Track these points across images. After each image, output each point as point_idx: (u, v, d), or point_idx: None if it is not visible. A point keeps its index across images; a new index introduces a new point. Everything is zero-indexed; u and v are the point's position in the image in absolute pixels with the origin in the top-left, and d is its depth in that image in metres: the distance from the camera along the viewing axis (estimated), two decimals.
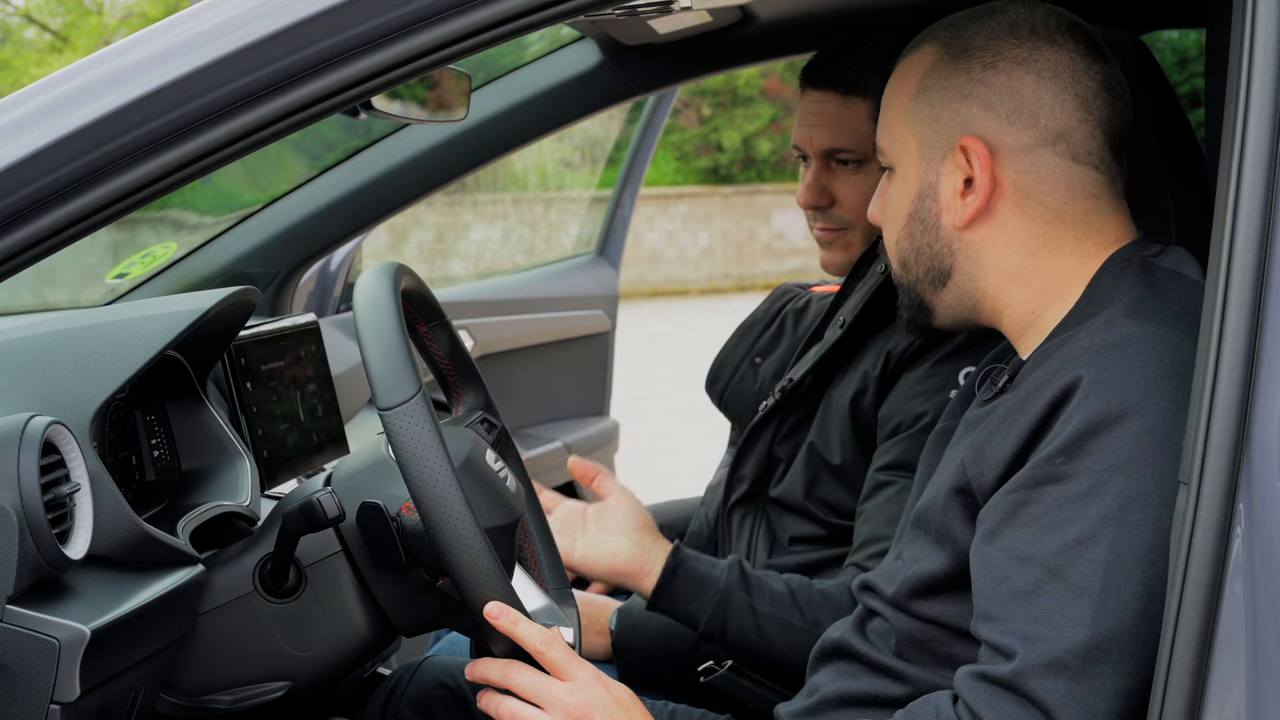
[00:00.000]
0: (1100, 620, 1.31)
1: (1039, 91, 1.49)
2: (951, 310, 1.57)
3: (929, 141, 1.53)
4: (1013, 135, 1.49)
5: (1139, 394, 1.35)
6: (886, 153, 1.58)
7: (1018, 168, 1.50)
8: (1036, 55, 1.49)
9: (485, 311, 3.42)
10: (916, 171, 1.54)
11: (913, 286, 1.59)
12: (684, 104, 18.91)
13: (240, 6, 1.30)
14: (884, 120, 1.59)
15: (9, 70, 16.57)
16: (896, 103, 1.57)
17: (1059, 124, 1.49)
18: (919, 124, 1.54)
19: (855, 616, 1.61)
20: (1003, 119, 1.49)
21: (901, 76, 1.57)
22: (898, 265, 1.60)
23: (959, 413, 1.67)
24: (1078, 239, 1.51)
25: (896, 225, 1.58)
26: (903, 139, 1.56)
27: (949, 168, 1.52)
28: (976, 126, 1.50)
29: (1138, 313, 1.41)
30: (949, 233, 1.53)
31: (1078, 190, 1.50)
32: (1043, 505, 1.36)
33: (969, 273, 1.54)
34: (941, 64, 1.53)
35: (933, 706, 1.40)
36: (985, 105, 1.50)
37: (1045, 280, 1.51)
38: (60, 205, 1.27)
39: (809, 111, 2.14)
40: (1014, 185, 1.50)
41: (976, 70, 1.50)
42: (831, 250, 2.19)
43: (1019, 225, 1.51)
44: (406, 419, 1.44)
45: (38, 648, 1.30)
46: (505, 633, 1.47)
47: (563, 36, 2.55)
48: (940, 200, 1.53)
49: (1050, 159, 1.49)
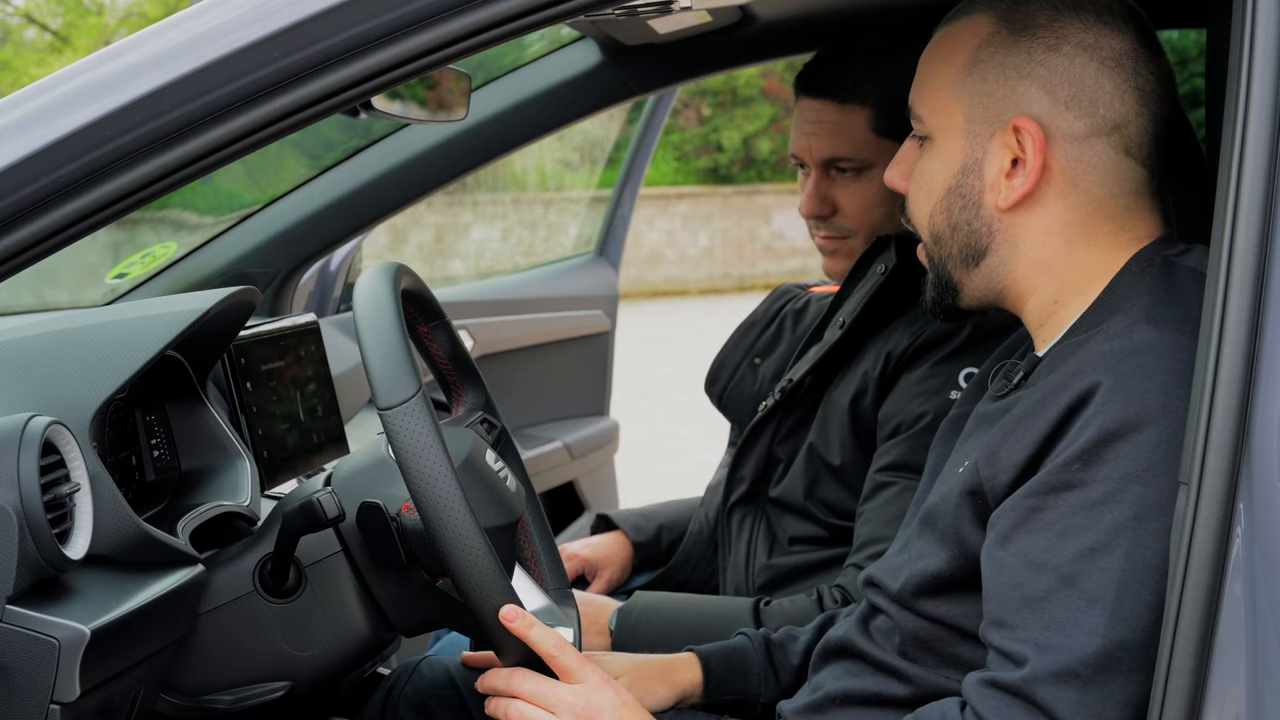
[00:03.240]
0: (1113, 630, 1.30)
1: (1101, 80, 1.46)
2: (979, 292, 1.54)
3: (979, 116, 1.49)
4: (1069, 121, 1.46)
5: (1157, 402, 1.33)
6: (926, 120, 1.54)
7: (1069, 155, 1.47)
8: (1103, 42, 1.46)
9: (485, 311, 3.42)
10: (961, 145, 1.51)
11: (943, 263, 1.55)
12: (684, 104, 18.91)
13: (240, 6, 1.30)
14: (925, 88, 1.54)
15: (9, 70, 16.57)
16: (943, 72, 1.52)
17: (1117, 115, 1.47)
18: (969, 97, 1.50)
19: (859, 614, 1.60)
20: (1061, 104, 1.46)
21: (950, 44, 1.53)
22: (929, 238, 1.56)
23: (972, 402, 1.65)
24: (1113, 233, 1.49)
25: (931, 198, 1.54)
26: (948, 109, 1.51)
27: (997, 145, 1.48)
28: (1033, 107, 1.47)
29: (1156, 319, 1.39)
30: (990, 212, 1.50)
31: (1123, 185, 1.48)
32: (1058, 511, 1.35)
33: (1002, 255, 1.51)
34: (999, 38, 1.49)
35: (939, 712, 1.40)
36: (1044, 87, 1.46)
37: (1073, 272, 1.49)
38: (60, 205, 1.27)
39: (807, 120, 2.13)
40: (1063, 172, 1.47)
41: (1039, 51, 1.47)
42: (835, 258, 2.18)
43: (1060, 214, 1.48)
44: (406, 419, 1.44)
45: (38, 648, 1.30)
46: (520, 636, 1.47)
47: (563, 36, 2.54)
48: (985, 178, 1.50)
49: (1103, 150, 1.47)
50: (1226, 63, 1.30)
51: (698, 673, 1.77)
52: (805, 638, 1.79)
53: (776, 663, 1.78)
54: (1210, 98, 1.75)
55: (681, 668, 1.78)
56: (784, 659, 1.78)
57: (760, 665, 1.78)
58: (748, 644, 1.79)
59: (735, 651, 1.79)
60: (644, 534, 2.44)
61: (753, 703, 1.77)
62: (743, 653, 1.78)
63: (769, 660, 1.78)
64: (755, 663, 1.78)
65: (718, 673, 1.77)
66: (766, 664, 1.78)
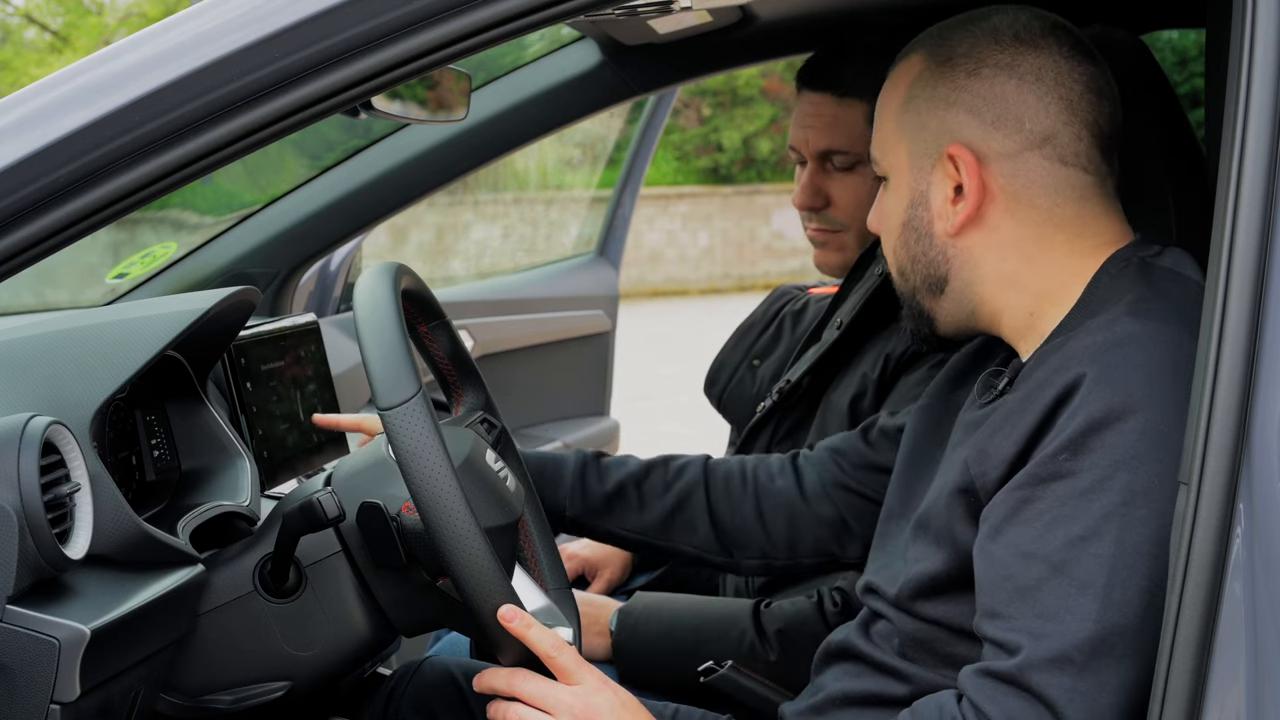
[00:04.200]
0: (1105, 615, 1.31)
1: (1022, 95, 1.49)
2: (952, 317, 1.58)
3: (918, 150, 1.54)
4: (999, 141, 1.50)
5: (1142, 391, 1.35)
6: (880, 162, 1.59)
7: (1005, 173, 1.50)
8: (1019, 60, 1.50)
9: (485, 311, 3.42)
10: (908, 180, 1.55)
11: (912, 295, 1.59)
12: (684, 104, 18.91)
13: (240, 6, 1.30)
14: (876, 130, 1.60)
15: (9, 70, 16.57)
16: (887, 112, 1.58)
17: (1044, 127, 1.49)
18: (908, 133, 1.55)
19: (859, 619, 1.62)
20: (988, 125, 1.50)
21: (891, 86, 1.58)
22: (896, 274, 1.61)
23: (944, 393, 1.68)
24: (1070, 241, 1.51)
25: (892, 234, 1.59)
26: (894, 148, 1.56)
27: (939, 176, 1.52)
28: (963, 133, 1.50)
29: (1139, 311, 1.41)
30: (942, 240, 1.54)
31: (1067, 193, 1.50)
32: (1046, 502, 1.36)
33: (965, 279, 1.54)
34: (927, 72, 1.54)
35: (936, 704, 1.40)
36: (970, 112, 1.50)
37: (1041, 283, 1.51)
38: (60, 205, 1.27)
39: (805, 113, 2.15)
40: (1003, 190, 1.50)
41: (960, 78, 1.51)
42: (825, 251, 2.19)
43: (1011, 230, 1.51)
44: (406, 419, 1.44)
45: (38, 648, 1.30)
46: (518, 636, 1.47)
47: (563, 36, 2.55)
48: (932, 208, 1.53)
49: (1038, 162, 1.50)
50: (1226, 63, 1.30)
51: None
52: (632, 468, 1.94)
53: (588, 481, 1.92)
54: (1210, 98, 1.75)
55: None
56: (597, 482, 1.92)
57: (571, 478, 1.92)
58: (570, 457, 1.93)
59: (555, 460, 1.94)
60: None
61: (558, 514, 1.91)
62: (560, 463, 1.93)
63: (581, 477, 1.92)
64: (568, 474, 1.91)
65: (530, 472, 1.89)
66: (578, 480, 1.92)
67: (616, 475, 1.93)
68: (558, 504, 1.91)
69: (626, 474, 1.93)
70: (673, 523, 1.94)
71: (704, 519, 1.93)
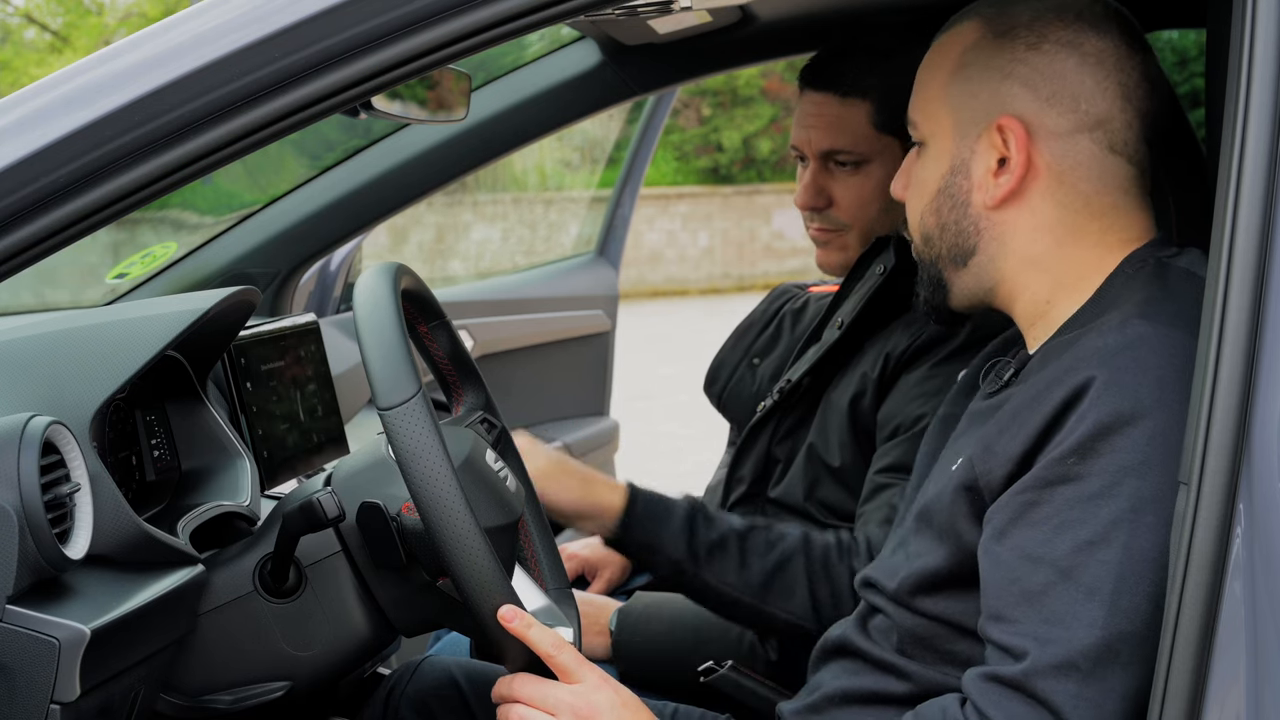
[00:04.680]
0: (1112, 622, 1.30)
1: (1082, 76, 1.47)
2: (968, 290, 1.56)
3: (965, 118, 1.52)
4: (1052, 118, 1.48)
5: (1151, 396, 1.34)
6: (920, 127, 1.57)
7: (1054, 151, 1.48)
8: (1082, 39, 1.48)
9: (485, 311, 3.42)
10: (950, 147, 1.53)
11: (933, 263, 1.57)
12: (684, 104, 18.91)
13: (240, 6, 1.30)
14: (919, 95, 1.57)
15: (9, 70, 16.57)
16: (934, 78, 1.55)
17: (1099, 111, 1.48)
18: (956, 100, 1.52)
19: (857, 614, 1.60)
20: (1043, 101, 1.48)
21: (941, 52, 1.56)
22: (920, 240, 1.59)
23: (961, 401, 1.66)
24: (1102, 231, 1.50)
25: (922, 200, 1.56)
26: (938, 114, 1.54)
27: (984, 146, 1.50)
28: (1016, 106, 1.49)
29: (1150, 314, 1.40)
30: (978, 211, 1.52)
31: (1110, 181, 1.49)
32: (1054, 505, 1.35)
33: (991, 254, 1.53)
34: (984, 41, 1.51)
35: (940, 708, 1.40)
36: (1026, 85, 1.48)
37: (1064, 270, 1.50)
38: (60, 205, 1.27)
39: (808, 113, 2.14)
40: (1049, 168, 1.49)
41: (1020, 50, 1.49)
42: (827, 250, 2.19)
43: (1048, 211, 1.50)
44: (406, 419, 1.44)
45: (38, 648, 1.30)
46: (518, 636, 1.47)
47: (563, 36, 2.55)
48: (972, 178, 1.52)
49: (1087, 146, 1.48)
50: (1226, 63, 1.30)
51: (620, 499, 1.87)
52: (734, 523, 1.89)
53: (696, 529, 1.87)
54: (1210, 98, 1.75)
55: (607, 486, 1.88)
56: (705, 531, 1.87)
57: (680, 524, 1.87)
58: (680, 503, 1.89)
59: (665, 502, 1.88)
60: None
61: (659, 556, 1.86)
62: (669, 506, 1.87)
63: (690, 524, 1.87)
64: (677, 519, 1.87)
65: (639, 510, 1.86)
66: (686, 527, 1.87)
67: (721, 527, 1.89)
68: (661, 545, 1.87)
69: (730, 528, 1.90)
70: (771, 585, 1.92)
71: (803, 587, 1.92)
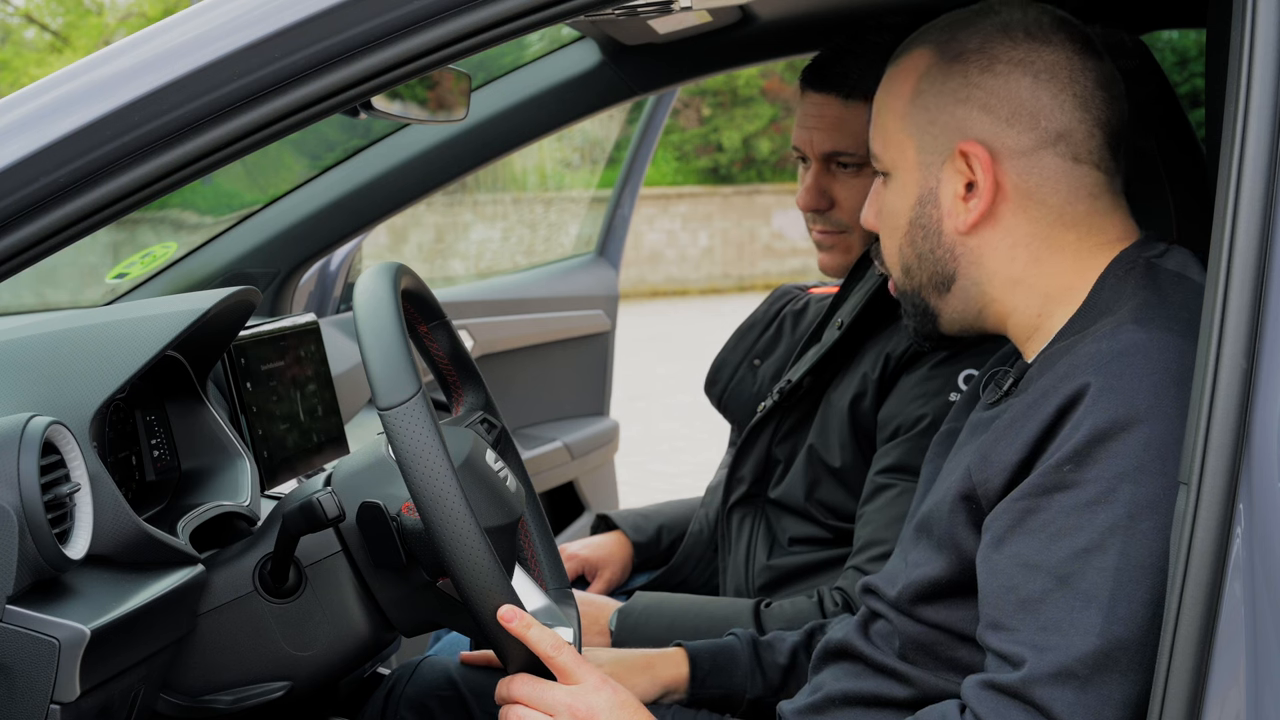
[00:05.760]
0: (1110, 629, 1.30)
1: (1037, 93, 1.48)
2: (957, 315, 1.56)
3: (927, 146, 1.52)
4: (1013, 138, 1.48)
5: (1147, 401, 1.34)
6: (881, 158, 1.57)
7: (1019, 170, 1.49)
8: (1033, 56, 1.48)
9: (485, 311, 3.42)
10: (915, 177, 1.53)
11: (916, 293, 1.57)
12: (684, 104, 18.91)
13: (240, 7, 1.30)
14: (878, 125, 1.57)
15: (9, 70, 16.58)
16: (891, 108, 1.56)
17: (1059, 124, 1.48)
18: (916, 129, 1.53)
19: (858, 618, 1.60)
20: (1002, 122, 1.48)
21: (895, 81, 1.56)
22: (899, 273, 1.59)
23: (964, 415, 1.66)
24: (1080, 239, 1.50)
25: (897, 232, 1.57)
26: (899, 144, 1.54)
27: (949, 173, 1.51)
28: (976, 130, 1.49)
29: (1144, 319, 1.40)
30: (951, 238, 1.52)
31: (1079, 191, 1.49)
32: (1051, 513, 1.35)
33: (973, 278, 1.53)
34: (936, 68, 1.52)
35: (939, 714, 1.40)
36: (984, 109, 1.49)
37: (1048, 283, 1.50)
38: (60, 205, 1.27)
39: (810, 114, 2.14)
40: (1016, 188, 1.49)
41: (973, 74, 1.49)
42: (830, 253, 2.18)
43: (1022, 228, 1.50)
44: (406, 419, 1.44)
45: (38, 648, 1.30)
46: (518, 636, 1.47)
47: (563, 36, 2.55)
48: (942, 206, 1.52)
49: (1051, 160, 1.49)
50: (1226, 63, 1.30)
51: (684, 668, 1.80)
52: (793, 638, 1.82)
53: (764, 660, 1.80)
54: (1210, 98, 1.75)
55: (666, 662, 1.80)
56: (771, 657, 1.81)
57: (747, 663, 1.80)
58: (736, 642, 1.82)
59: (724, 649, 1.81)
60: (644, 534, 2.44)
61: (738, 699, 1.79)
62: (730, 650, 1.81)
63: (756, 658, 1.80)
64: (742, 660, 1.80)
65: (704, 668, 1.79)
66: (754, 661, 1.80)
67: (784, 647, 1.83)
68: (738, 690, 1.81)
69: (793, 644, 1.84)
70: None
71: None
